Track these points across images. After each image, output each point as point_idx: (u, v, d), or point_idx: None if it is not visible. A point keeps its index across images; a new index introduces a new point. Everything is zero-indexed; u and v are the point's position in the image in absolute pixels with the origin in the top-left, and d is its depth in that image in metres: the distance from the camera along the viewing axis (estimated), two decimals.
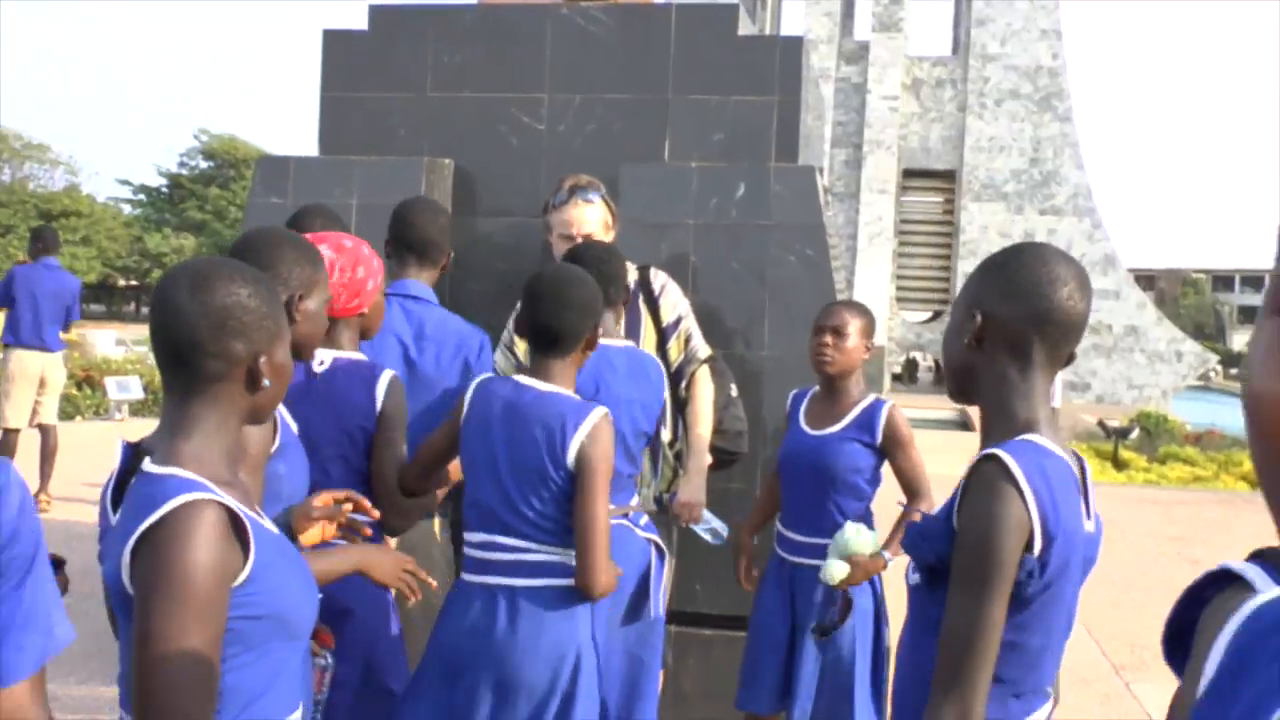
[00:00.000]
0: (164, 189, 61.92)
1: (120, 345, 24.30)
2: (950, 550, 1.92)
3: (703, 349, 4.26)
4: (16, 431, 9.12)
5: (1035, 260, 2.02)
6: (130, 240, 58.95)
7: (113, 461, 1.81)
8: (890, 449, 3.87)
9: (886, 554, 3.68)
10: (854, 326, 3.90)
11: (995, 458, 1.91)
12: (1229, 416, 30.43)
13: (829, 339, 3.90)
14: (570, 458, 2.91)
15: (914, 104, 36.86)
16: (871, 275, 35.23)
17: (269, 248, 2.57)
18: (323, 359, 3.07)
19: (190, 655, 1.60)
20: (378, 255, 3.20)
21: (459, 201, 5.23)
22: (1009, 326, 2.01)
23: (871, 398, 3.94)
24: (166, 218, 60.35)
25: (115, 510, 1.78)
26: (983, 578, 1.85)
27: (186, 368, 1.79)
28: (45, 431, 9.24)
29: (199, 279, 1.79)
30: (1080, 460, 2.10)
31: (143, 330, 28.04)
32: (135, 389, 16.11)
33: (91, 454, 11.24)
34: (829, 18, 37.08)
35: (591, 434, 2.92)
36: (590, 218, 4.11)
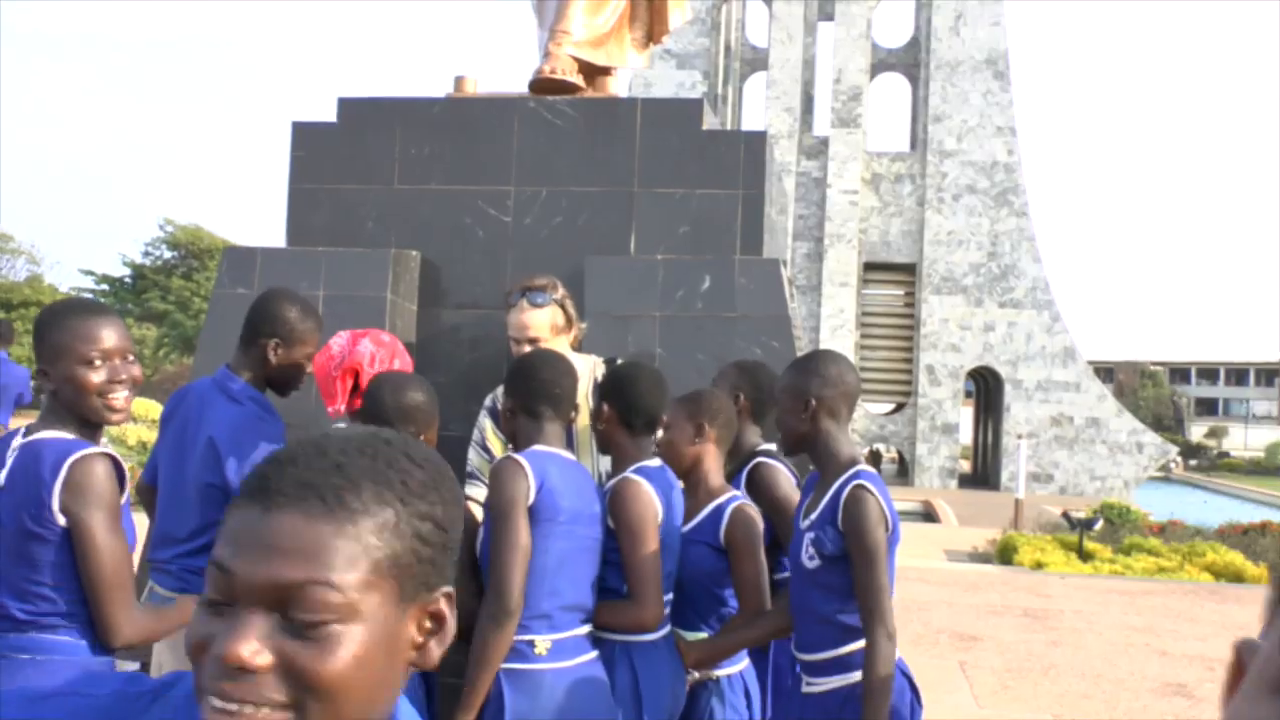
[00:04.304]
0: (127, 279, 61.73)
1: None
2: (842, 542, 3.15)
3: None
4: None
5: (830, 360, 3.33)
6: None
7: None
8: (730, 551, 3.53)
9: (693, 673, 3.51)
10: (672, 418, 3.63)
11: (864, 485, 3.15)
12: (1191, 507, 30.60)
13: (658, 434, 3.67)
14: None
15: (873, 198, 37.38)
16: None
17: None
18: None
19: None
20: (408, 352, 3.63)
21: (425, 293, 5.23)
22: (831, 403, 3.24)
23: (726, 495, 3.60)
24: (129, 308, 60.11)
25: None
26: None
27: None
28: None
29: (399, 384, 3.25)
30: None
31: None
32: None
33: None
34: (789, 113, 37.69)
35: None
36: (537, 322, 4.07)
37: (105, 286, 62.70)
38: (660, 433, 3.65)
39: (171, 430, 3.76)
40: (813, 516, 3.23)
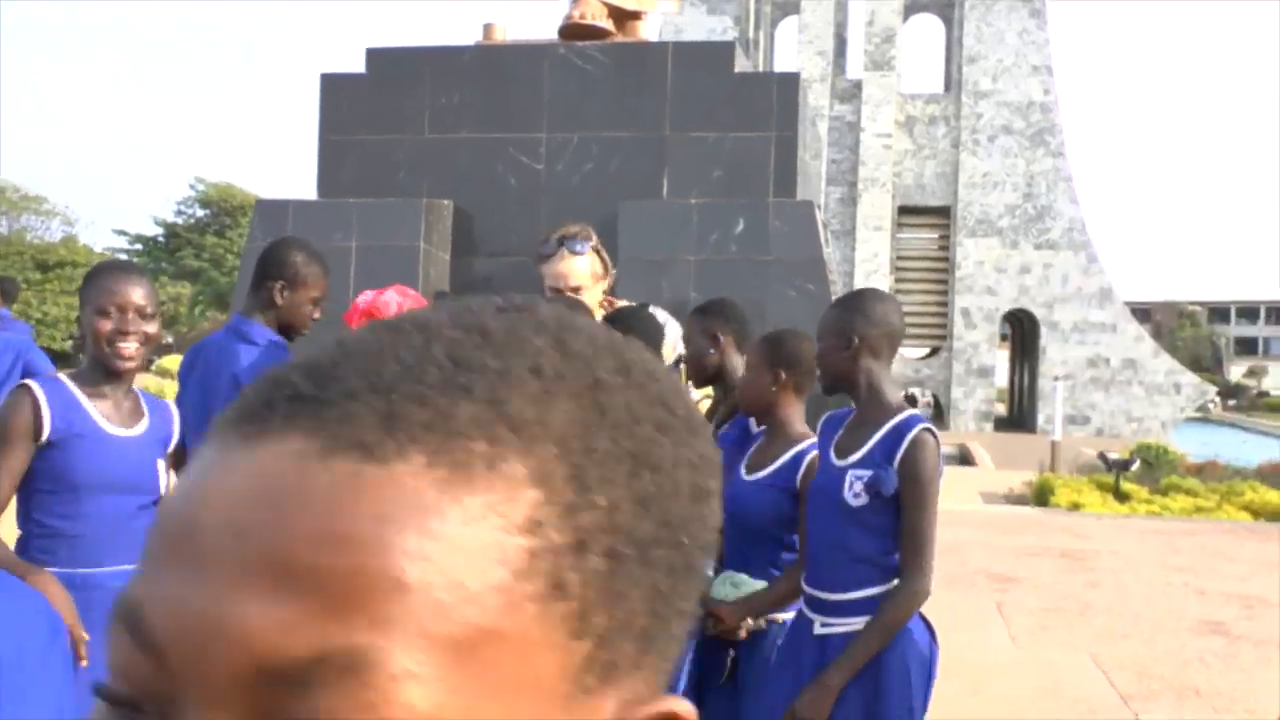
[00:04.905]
0: (160, 238, 62.07)
1: None
2: (898, 484, 3.02)
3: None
4: None
5: (876, 298, 3.25)
6: None
7: None
8: (800, 499, 3.39)
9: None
10: (752, 362, 3.52)
11: (931, 430, 3.07)
12: (1230, 447, 30.38)
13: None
14: None
15: (907, 141, 37.04)
16: None
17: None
18: None
19: None
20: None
21: (458, 242, 5.23)
22: (874, 342, 3.12)
23: (807, 442, 3.43)
24: (163, 266, 60.48)
25: None
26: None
27: None
28: None
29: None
30: None
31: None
32: None
33: None
34: (821, 56, 37.32)
35: None
36: (579, 270, 4.07)
37: (139, 246, 63.13)
38: (741, 371, 3.64)
39: (194, 381, 3.82)
40: (856, 455, 3.15)
